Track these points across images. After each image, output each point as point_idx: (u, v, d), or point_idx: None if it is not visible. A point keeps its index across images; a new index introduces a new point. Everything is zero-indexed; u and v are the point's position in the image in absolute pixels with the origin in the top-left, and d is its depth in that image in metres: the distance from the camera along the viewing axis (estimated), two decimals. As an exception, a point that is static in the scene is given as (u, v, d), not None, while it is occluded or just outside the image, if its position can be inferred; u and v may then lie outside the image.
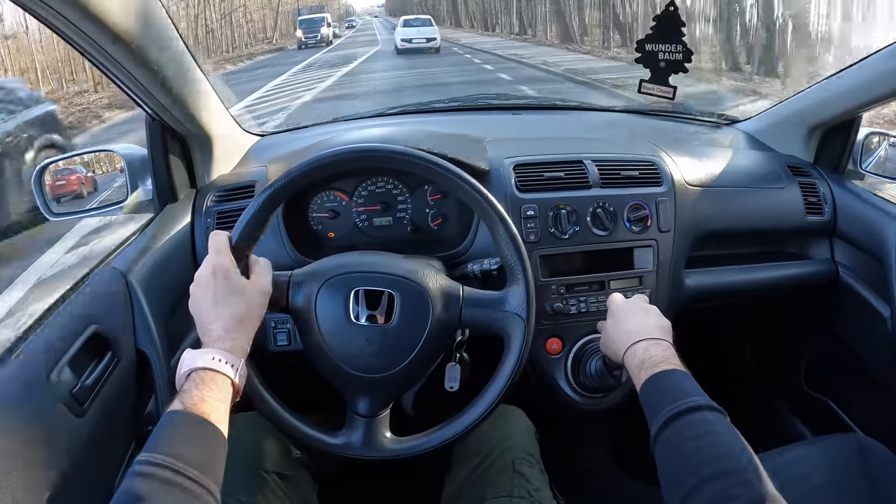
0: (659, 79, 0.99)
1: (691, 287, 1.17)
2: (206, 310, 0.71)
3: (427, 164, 0.82)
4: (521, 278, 0.82)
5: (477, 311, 0.83)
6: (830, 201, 1.27)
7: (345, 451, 0.83)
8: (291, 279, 0.83)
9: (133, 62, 0.87)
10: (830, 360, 1.38)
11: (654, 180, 1.12)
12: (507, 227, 0.82)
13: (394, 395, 0.85)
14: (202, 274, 0.74)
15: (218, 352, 0.67)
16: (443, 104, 1.62)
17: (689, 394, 0.67)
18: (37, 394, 0.69)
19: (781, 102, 1.42)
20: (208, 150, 1.16)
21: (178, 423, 0.60)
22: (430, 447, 0.82)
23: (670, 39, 0.95)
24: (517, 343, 0.82)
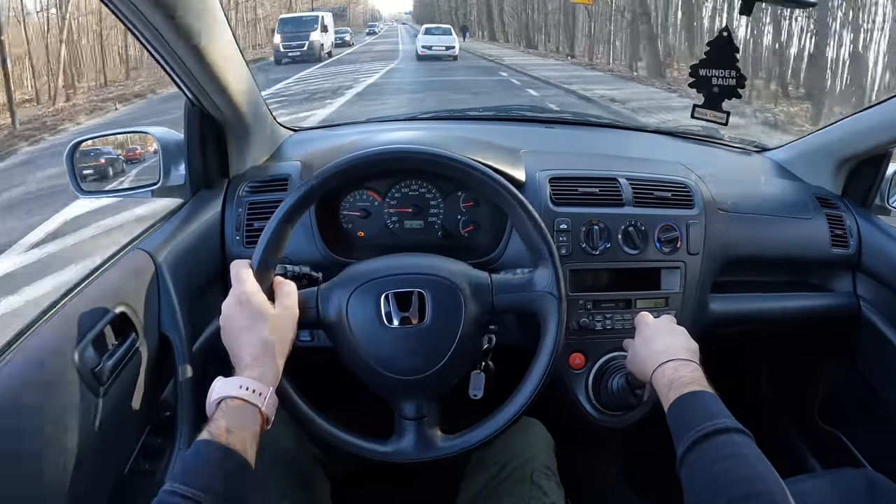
0: (712, 104, 0.99)
1: (715, 311, 1.16)
2: (235, 338, 0.72)
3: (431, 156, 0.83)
4: (548, 258, 0.82)
5: (508, 295, 0.84)
6: (856, 235, 1.27)
7: (399, 458, 0.82)
8: (319, 294, 0.83)
9: (181, 41, 0.87)
10: (846, 393, 1.38)
11: (687, 202, 1.12)
12: (527, 210, 0.82)
13: (438, 394, 0.85)
14: (228, 304, 0.75)
15: (246, 380, 0.67)
16: (477, 112, 1.63)
17: (717, 415, 0.67)
18: (59, 369, 0.69)
19: (812, 133, 1.42)
20: (244, 140, 1.17)
21: (204, 454, 0.61)
22: (486, 437, 0.82)
23: (724, 65, 0.96)
24: (553, 320, 0.82)
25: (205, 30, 0.89)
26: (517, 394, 0.83)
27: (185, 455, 0.62)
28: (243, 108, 1.10)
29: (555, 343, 0.82)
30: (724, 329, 1.20)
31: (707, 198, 1.15)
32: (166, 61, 0.92)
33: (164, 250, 0.92)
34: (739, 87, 0.97)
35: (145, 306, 0.85)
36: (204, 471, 0.59)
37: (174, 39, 0.86)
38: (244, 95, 1.09)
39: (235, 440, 0.62)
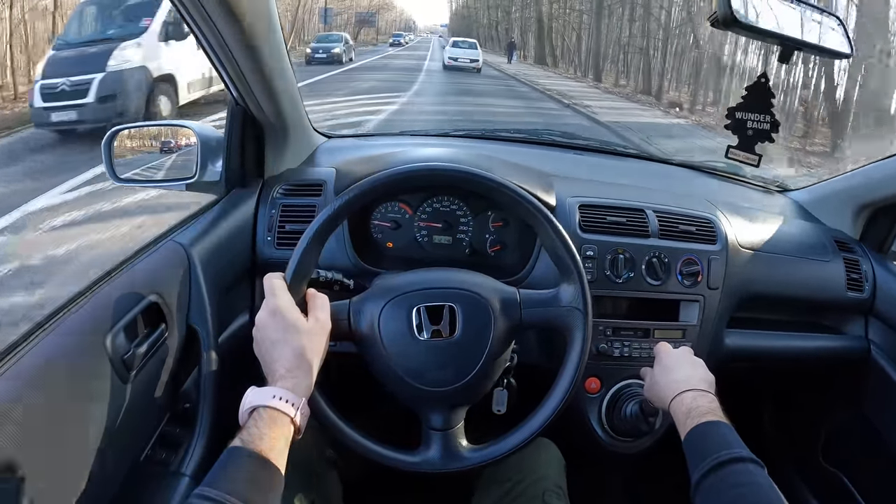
0: (745, 146, 1.02)
1: (730, 346, 1.18)
2: (268, 350, 0.73)
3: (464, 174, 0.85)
4: (574, 272, 0.84)
5: (536, 310, 0.86)
6: (871, 280, 1.28)
7: (426, 468, 0.84)
8: (351, 307, 0.84)
9: (238, 42, 0.89)
10: (851, 435, 1.39)
11: (710, 238, 1.14)
12: (556, 228, 0.85)
13: (466, 405, 0.86)
14: (261, 317, 0.75)
15: (280, 390, 0.68)
16: (507, 133, 1.65)
17: (733, 445, 0.70)
18: (91, 354, 0.71)
19: (835, 177, 1.44)
20: (282, 142, 1.19)
21: (236, 461, 0.62)
22: (512, 448, 0.84)
23: (760, 109, 0.98)
24: (579, 335, 0.84)
25: (261, 32, 0.91)
26: (542, 406, 0.85)
27: (217, 461, 0.62)
28: (285, 112, 1.12)
29: (580, 357, 0.84)
30: (737, 364, 1.21)
31: (729, 234, 1.17)
32: (219, 59, 0.94)
33: (198, 244, 0.94)
34: (773, 131, 0.99)
35: (176, 298, 0.86)
36: (236, 477, 0.60)
37: (232, 39, 0.88)
38: (288, 99, 1.11)
39: (267, 448, 0.63)
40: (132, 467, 0.80)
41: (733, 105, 1.00)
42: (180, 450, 0.86)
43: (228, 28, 0.87)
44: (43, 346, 0.67)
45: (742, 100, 1.00)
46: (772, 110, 0.98)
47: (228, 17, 0.84)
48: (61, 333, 0.69)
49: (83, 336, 0.71)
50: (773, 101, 0.98)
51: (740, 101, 1.00)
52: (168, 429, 0.89)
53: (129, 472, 0.79)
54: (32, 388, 0.63)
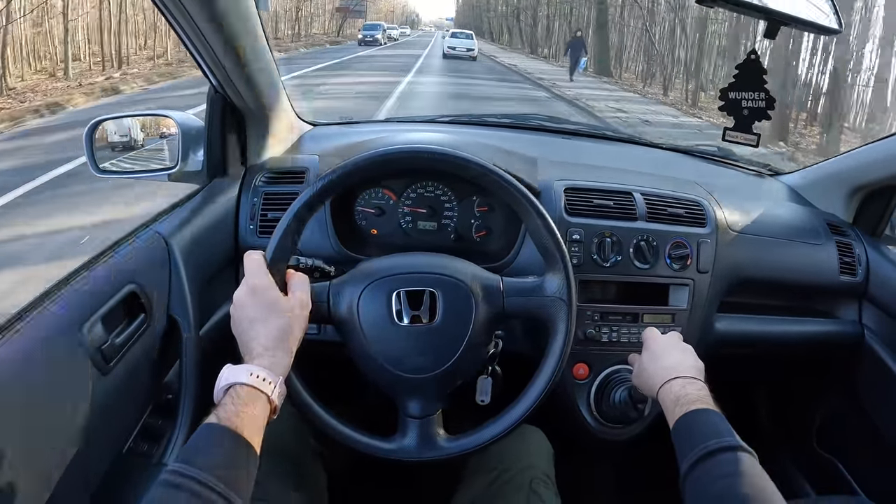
0: (742, 126, 0.99)
1: (721, 331, 1.17)
2: (246, 329, 0.72)
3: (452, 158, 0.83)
4: (559, 263, 0.83)
5: (519, 299, 0.84)
6: (864, 263, 1.27)
7: (401, 456, 0.83)
8: (331, 289, 0.83)
9: (211, 27, 0.88)
10: (845, 421, 1.38)
11: (699, 221, 1.13)
12: (542, 215, 0.83)
13: (444, 394, 0.85)
14: (240, 295, 0.74)
15: (257, 368, 0.67)
16: (495, 119, 1.63)
17: (722, 433, 0.68)
18: (67, 344, 0.70)
19: (827, 160, 1.43)
20: (264, 130, 1.17)
21: (211, 437, 0.61)
22: (489, 440, 0.83)
23: (753, 87, 0.96)
24: (562, 326, 0.82)
25: (237, 19, 0.90)
26: (522, 398, 0.84)
27: (192, 437, 0.61)
28: (266, 99, 1.11)
29: (562, 349, 0.82)
30: (728, 350, 1.20)
31: (719, 217, 1.15)
32: (195, 46, 0.93)
33: (178, 234, 0.92)
34: (769, 108, 0.97)
35: (155, 288, 0.85)
36: (211, 454, 0.59)
37: (206, 25, 0.87)
38: (268, 86, 1.10)
39: (243, 426, 0.62)
40: (115, 460, 0.79)
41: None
42: (163, 441, 0.86)
43: (202, 14, 0.85)
44: (19, 338, 0.65)
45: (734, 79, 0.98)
46: (766, 87, 0.96)
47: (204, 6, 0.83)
48: (37, 325, 0.68)
49: (60, 327, 0.70)
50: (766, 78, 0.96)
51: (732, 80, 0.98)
52: (150, 420, 0.88)
53: (112, 465, 0.78)
54: (8, 382, 0.62)
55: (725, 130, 1.03)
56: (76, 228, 3.94)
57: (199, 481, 0.55)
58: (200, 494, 0.55)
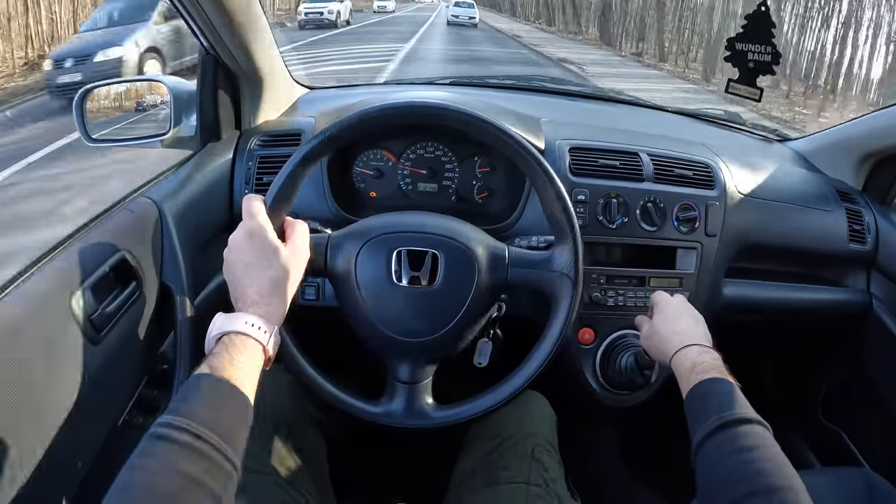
0: (747, 79, 0.97)
1: (728, 296, 1.15)
2: (241, 274, 0.68)
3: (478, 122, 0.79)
4: (570, 237, 0.80)
5: (524, 271, 0.81)
6: (874, 232, 1.25)
7: (386, 420, 0.81)
8: (330, 241, 0.80)
9: None
10: (851, 391, 1.36)
11: (707, 183, 1.10)
12: (556, 186, 0.79)
13: (436, 361, 0.83)
14: (236, 238, 0.70)
15: (252, 316, 0.64)
16: (497, 80, 1.59)
17: (739, 405, 0.66)
18: (56, 313, 0.67)
19: (836, 126, 1.39)
20: (258, 93, 1.14)
21: (204, 388, 0.57)
22: (475, 413, 0.81)
23: (760, 39, 0.93)
24: (565, 303, 0.80)
25: None
26: (515, 374, 0.82)
27: (182, 387, 0.58)
28: (260, 60, 1.07)
29: (563, 327, 0.80)
30: (735, 315, 1.18)
31: (728, 180, 1.13)
32: (184, 5, 0.89)
33: (171, 200, 0.90)
34: (774, 63, 0.95)
35: (147, 255, 0.83)
36: (203, 404, 0.55)
37: None
38: (261, 46, 1.06)
39: (238, 376, 0.59)
40: (110, 432, 0.77)
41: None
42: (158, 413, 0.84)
43: None
44: (6, 308, 0.63)
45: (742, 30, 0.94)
46: (773, 40, 0.93)
47: None
48: (24, 295, 0.66)
49: (47, 297, 0.68)
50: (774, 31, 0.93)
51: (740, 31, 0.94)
52: (146, 392, 0.86)
53: (108, 438, 0.76)
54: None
55: (729, 82, 1.00)
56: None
57: (190, 432, 0.52)
58: (193, 446, 0.52)
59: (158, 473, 0.50)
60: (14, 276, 0.69)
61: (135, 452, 0.51)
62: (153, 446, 0.52)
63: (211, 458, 0.52)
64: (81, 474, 0.70)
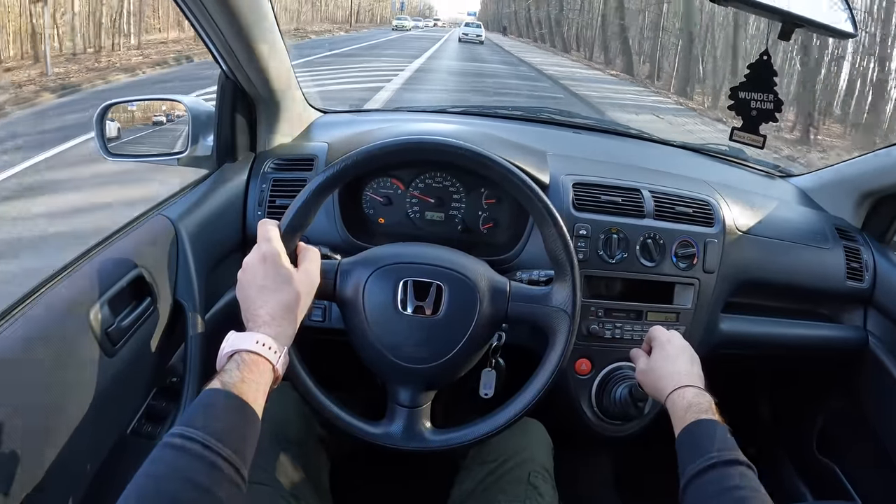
0: (750, 127, 0.99)
1: (725, 331, 1.16)
2: (254, 296, 0.71)
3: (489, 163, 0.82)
4: (569, 275, 0.83)
5: (523, 305, 0.84)
6: (872, 270, 1.26)
7: (384, 441, 0.83)
8: (340, 267, 0.83)
9: (223, 13, 0.88)
10: (845, 427, 1.37)
11: (707, 220, 1.12)
12: (558, 226, 0.82)
13: (436, 387, 0.86)
14: (251, 261, 0.73)
15: (263, 336, 0.66)
16: (506, 111, 1.62)
17: (729, 447, 0.68)
18: (74, 326, 0.70)
19: (838, 164, 1.42)
20: (274, 117, 1.18)
21: (215, 402, 0.60)
22: (471, 439, 0.83)
23: (762, 88, 0.96)
24: (562, 338, 0.82)
25: (248, 4, 0.90)
26: (512, 402, 0.84)
27: (195, 401, 0.60)
28: (277, 86, 1.11)
29: (559, 360, 0.82)
30: (731, 350, 1.20)
31: (727, 218, 1.15)
32: (206, 32, 0.93)
33: (186, 219, 0.93)
34: (777, 110, 0.97)
35: (162, 272, 0.86)
36: (215, 418, 0.58)
37: (217, 10, 0.87)
38: (279, 73, 1.10)
39: (248, 392, 0.61)
40: (118, 440, 0.80)
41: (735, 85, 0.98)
42: (166, 423, 0.86)
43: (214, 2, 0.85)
44: (26, 319, 0.66)
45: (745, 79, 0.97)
46: (775, 89, 0.96)
47: None
48: (45, 306, 0.69)
49: (67, 309, 0.70)
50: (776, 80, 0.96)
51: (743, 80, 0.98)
52: (154, 403, 0.88)
53: (115, 445, 0.78)
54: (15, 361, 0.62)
55: (733, 130, 1.03)
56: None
57: (202, 444, 0.54)
58: (203, 457, 0.54)
59: (169, 479, 0.52)
60: (36, 286, 0.72)
61: (147, 459, 0.54)
62: (165, 454, 0.54)
63: (220, 468, 0.54)
64: (89, 479, 0.72)
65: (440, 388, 0.87)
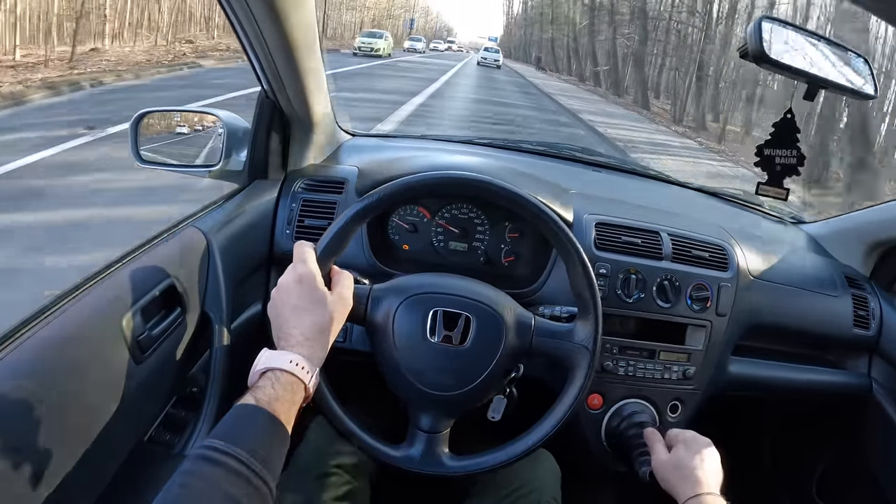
0: (774, 181, 1.04)
1: (733, 373, 1.19)
2: (287, 316, 0.72)
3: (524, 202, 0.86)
4: (592, 314, 0.86)
5: (546, 340, 0.87)
6: (878, 318, 1.29)
7: (403, 464, 0.85)
8: (372, 293, 0.86)
9: (274, 35, 0.91)
10: (847, 473, 1.39)
11: (721, 265, 1.15)
12: (586, 267, 0.86)
13: (456, 414, 0.88)
14: (286, 281, 0.75)
15: (296, 356, 0.68)
16: (529, 146, 1.66)
17: None
18: (107, 331, 0.71)
19: (850, 213, 1.45)
20: (307, 138, 1.20)
21: (248, 417, 0.61)
22: (489, 466, 0.85)
23: (786, 145, 1.00)
24: (581, 374, 0.85)
25: (301, 34, 0.93)
26: (529, 434, 0.86)
27: (227, 416, 0.61)
28: (314, 108, 1.14)
29: (577, 395, 0.85)
30: (738, 392, 1.22)
31: (741, 262, 1.18)
32: (255, 53, 0.96)
33: (218, 232, 0.95)
34: (799, 164, 1.01)
35: (193, 283, 0.87)
36: (248, 433, 0.59)
37: (272, 37, 0.90)
38: (318, 97, 1.13)
39: (280, 410, 0.63)
40: (136, 447, 0.81)
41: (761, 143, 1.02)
42: (185, 433, 0.87)
43: (270, 27, 0.88)
44: (60, 322, 0.67)
45: (770, 137, 1.01)
46: (798, 145, 1.00)
47: (272, 15, 0.86)
48: (79, 310, 0.70)
49: (101, 314, 0.72)
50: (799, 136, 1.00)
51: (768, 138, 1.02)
52: (174, 411, 0.89)
53: (133, 452, 0.79)
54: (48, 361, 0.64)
55: (759, 185, 1.07)
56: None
57: (237, 458, 0.56)
58: (238, 471, 0.55)
59: (205, 494, 0.54)
60: (71, 288, 0.74)
61: (180, 471, 0.55)
62: (200, 467, 0.56)
63: (252, 483, 0.56)
64: (105, 484, 0.73)
65: (460, 416, 0.89)
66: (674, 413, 1.13)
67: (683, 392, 1.13)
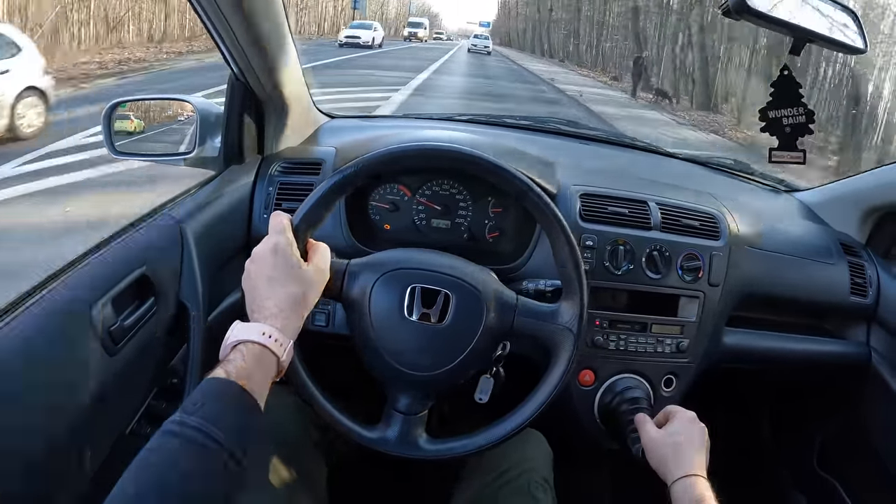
0: (787, 145, 0.96)
1: (728, 345, 1.16)
2: (262, 287, 0.70)
3: (508, 176, 0.82)
4: (577, 294, 0.83)
5: (529, 320, 0.84)
6: (875, 285, 1.26)
7: (379, 446, 0.83)
8: (348, 268, 0.83)
9: (236, 15, 0.88)
10: (847, 443, 1.37)
11: (713, 234, 1.12)
12: (571, 244, 0.82)
13: (434, 395, 0.85)
14: (261, 251, 0.72)
15: (269, 328, 0.65)
16: (514, 120, 1.62)
17: None
18: (77, 323, 0.70)
19: (843, 179, 1.42)
20: (282, 120, 1.17)
21: (217, 391, 0.59)
22: (466, 451, 0.83)
23: (791, 103, 0.94)
24: (565, 356, 0.82)
25: (261, 6, 0.90)
26: (510, 417, 0.84)
27: (196, 389, 0.59)
28: (286, 89, 1.11)
29: (561, 376, 0.82)
30: (734, 364, 1.20)
31: (733, 231, 1.15)
32: (218, 32, 0.93)
33: (192, 220, 0.92)
34: (810, 122, 0.95)
35: (167, 272, 0.85)
36: (215, 405, 0.57)
37: (231, 11, 0.87)
38: (289, 76, 1.10)
39: (252, 383, 0.60)
40: (117, 440, 0.79)
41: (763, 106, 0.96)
42: None
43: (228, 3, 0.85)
44: (27, 316, 0.66)
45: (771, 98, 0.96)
46: (802, 101, 0.94)
47: None
48: (48, 303, 0.68)
49: (70, 306, 0.70)
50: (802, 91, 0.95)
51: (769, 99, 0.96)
52: (154, 403, 0.88)
53: (114, 445, 0.78)
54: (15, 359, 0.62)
55: (771, 151, 0.99)
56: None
57: (204, 432, 0.54)
58: (205, 445, 0.54)
59: (168, 468, 0.52)
60: (38, 283, 0.71)
61: (146, 447, 0.53)
62: (161, 442, 0.54)
63: (219, 457, 0.54)
64: (87, 479, 0.72)
65: (438, 397, 0.86)
66: (668, 387, 1.10)
67: (677, 365, 1.10)
